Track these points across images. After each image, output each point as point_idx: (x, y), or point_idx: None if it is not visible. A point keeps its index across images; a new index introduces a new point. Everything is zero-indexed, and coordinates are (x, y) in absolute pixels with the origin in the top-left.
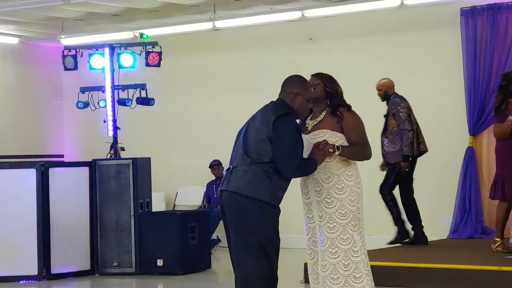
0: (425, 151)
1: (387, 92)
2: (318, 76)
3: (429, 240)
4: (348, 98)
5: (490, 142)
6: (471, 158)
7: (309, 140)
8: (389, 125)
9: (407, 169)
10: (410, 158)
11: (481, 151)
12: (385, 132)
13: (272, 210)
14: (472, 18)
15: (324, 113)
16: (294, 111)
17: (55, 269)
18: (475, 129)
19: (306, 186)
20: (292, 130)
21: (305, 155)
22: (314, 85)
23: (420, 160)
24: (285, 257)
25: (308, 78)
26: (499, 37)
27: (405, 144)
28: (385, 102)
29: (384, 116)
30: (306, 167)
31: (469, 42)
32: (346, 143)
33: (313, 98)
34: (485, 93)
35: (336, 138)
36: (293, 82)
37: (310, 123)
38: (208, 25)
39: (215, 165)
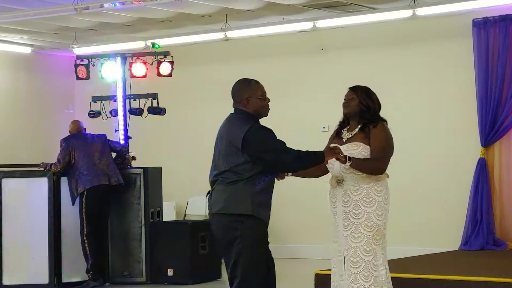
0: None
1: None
2: (354, 91)
3: (441, 251)
4: None
5: (502, 153)
6: (482, 169)
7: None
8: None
9: None
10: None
11: (493, 162)
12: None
13: (255, 222)
14: (484, 29)
15: (358, 127)
16: (253, 112)
17: (66, 277)
18: (487, 140)
19: (335, 196)
20: (265, 135)
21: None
22: (349, 100)
23: (432, 171)
24: (295, 267)
25: (320, 88)
26: (511, 48)
27: None
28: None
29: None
30: (312, 158)
31: (481, 53)
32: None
33: (347, 113)
34: (497, 104)
35: (369, 152)
36: (240, 89)
37: (346, 134)
38: (219, 35)
39: None
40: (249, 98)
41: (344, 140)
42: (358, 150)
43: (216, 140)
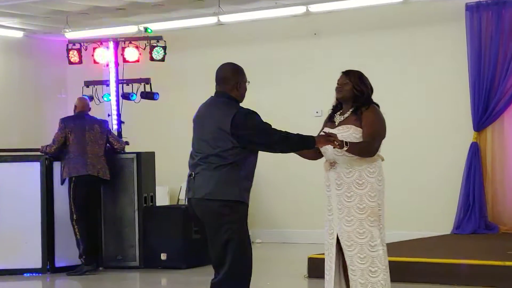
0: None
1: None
2: (348, 75)
3: (433, 235)
4: None
5: (494, 137)
6: (475, 154)
7: None
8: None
9: None
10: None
11: (485, 147)
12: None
13: (242, 207)
14: (477, 13)
15: (350, 111)
16: (238, 98)
17: (59, 262)
18: (480, 124)
19: (328, 179)
20: (253, 118)
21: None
22: (342, 84)
23: (424, 155)
24: (289, 252)
25: (313, 72)
26: (504, 32)
27: None
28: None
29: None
30: (299, 141)
31: (473, 37)
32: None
33: (341, 97)
34: (490, 88)
35: (360, 134)
36: (233, 73)
37: (338, 118)
38: (212, 20)
39: None
40: (240, 82)
41: (336, 123)
42: (349, 132)
43: (195, 123)
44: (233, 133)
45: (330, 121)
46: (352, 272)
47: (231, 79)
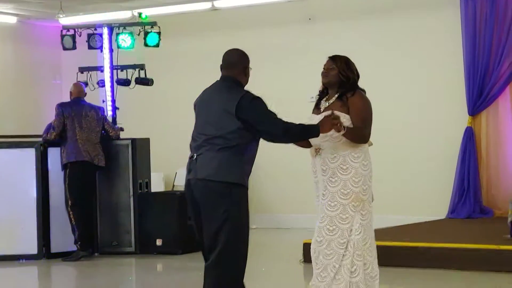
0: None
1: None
2: (334, 60)
3: (428, 220)
4: None
5: (489, 122)
6: (470, 138)
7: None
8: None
9: None
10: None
11: (480, 131)
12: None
13: (242, 190)
14: None
15: (335, 96)
16: (243, 83)
17: (55, 248)
18: (474, 109)
19: (315, 165)
20: (259, 104)
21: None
22: (328, 70)
23: (419, 140)
24: (284, 236)
25: (308, 57)
26: (499, 17)
27: None
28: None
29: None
30: (302, 131)
31: (468, 22)
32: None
33: (326, 82)
34: (484, 73)
35: (344, 120)
36: (241, 57)
37: (324, 104)
38: (207, 5)
39: None
40: (247, 67)
41: (322, 109)
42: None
43: (199, 107)
44: (238, 116)
45: (316, 107)
46: (326, 256)
47: (238, 63)
